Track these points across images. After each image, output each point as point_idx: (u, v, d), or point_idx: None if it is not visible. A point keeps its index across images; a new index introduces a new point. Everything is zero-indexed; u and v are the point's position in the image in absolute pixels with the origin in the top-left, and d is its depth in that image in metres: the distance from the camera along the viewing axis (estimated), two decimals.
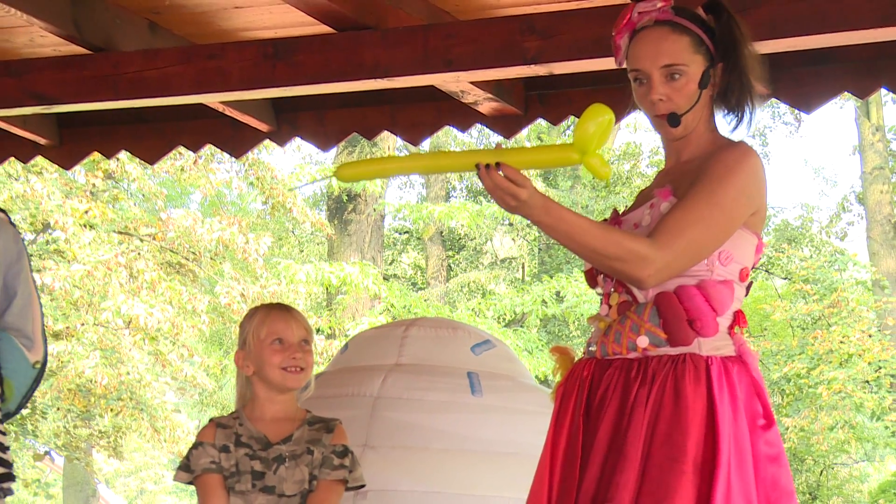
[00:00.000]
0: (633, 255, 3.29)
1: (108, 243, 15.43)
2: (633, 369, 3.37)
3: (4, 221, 3.90)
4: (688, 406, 3.29)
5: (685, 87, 3.46)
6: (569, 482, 3.34)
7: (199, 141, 7.02)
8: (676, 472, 3.24)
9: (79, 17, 5.98)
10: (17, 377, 3.84)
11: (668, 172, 3.55)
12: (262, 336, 4.07)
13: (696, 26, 3.49)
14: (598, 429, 3.33)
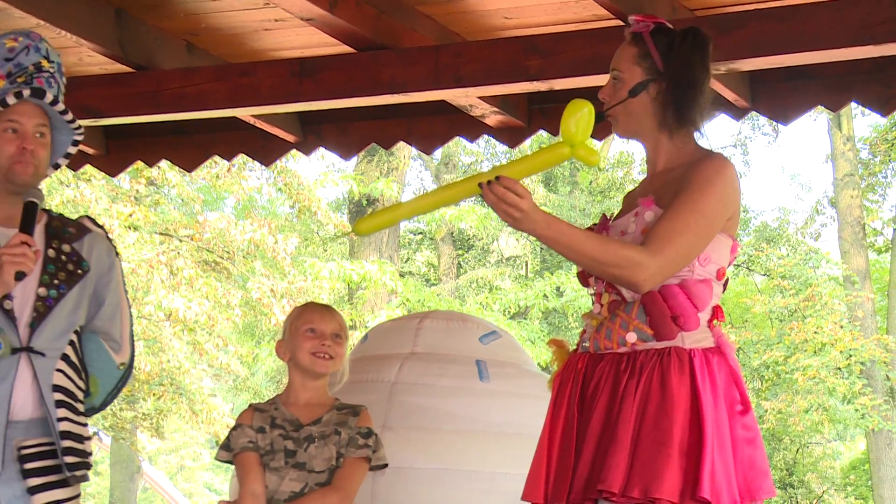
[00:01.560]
0: (629, 263, 3.30)
1: (151, 243, 15.44)
2: (622, 362, 3.37)
3: (101, 236, 3.91)
4: (673, 395, 3.29)
5: (618, 91, 3.53)
6: (565, 465, 3.35)
7: (232, 150, 7.02)
8: (664, 455, 3.24)
9: (124, 38, 5.98)
10: (103, 376, 3.85)
11: (650, 180, 3.56)
12: (297, 325, 4.10)
13: (652, 43, 3.51)
14: (591, 417, 3.34)
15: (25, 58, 3.76)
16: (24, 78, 3.74)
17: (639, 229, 3.41)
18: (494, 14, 5.77)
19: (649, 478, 3.22)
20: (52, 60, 3.82)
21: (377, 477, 5.27)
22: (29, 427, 3.69)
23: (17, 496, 3.66)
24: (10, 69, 3.74)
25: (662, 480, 3.22)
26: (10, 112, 3.70)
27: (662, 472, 3.22)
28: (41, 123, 3.75)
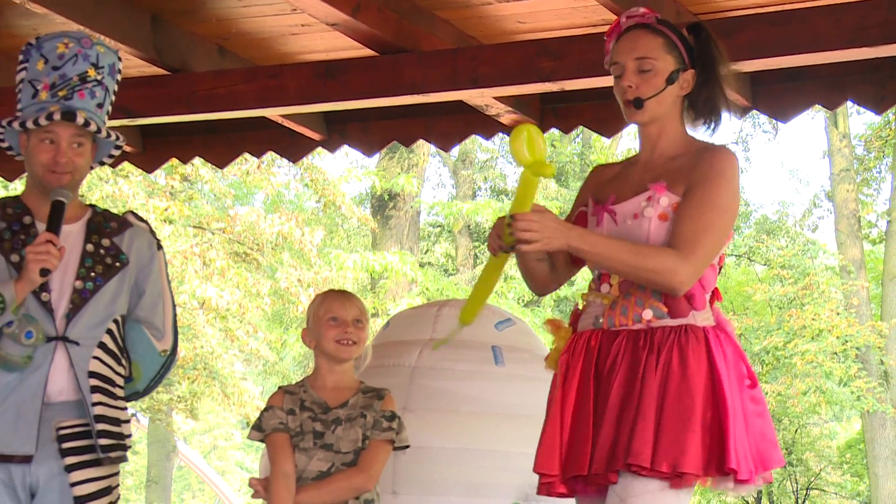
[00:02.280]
0: (665, 269, 3.27)
1: (185, 236, 15.47)
2: (640, 339, 3.32)
3: (143, 230, 3.91)
4: (692, 371, 3.26)
5: (652, 79, 3.42)
6: (582, 437, 3.29)
7: (261, 148, 7.02)
8: (688, 430, 3.20)
9: (159, 42, 5.99)
10: (146, 362, 3.85)
11: (648, 165, 3.48)
12: (320, 315, 4.09)
13: (672, 34, 3.47)
14: (610, 392, 3.28)
15: (72, 68, 3.73)
16: (65, 91, 3.72)
17: (656, 213, 3.35)
18: (509, 19, 5.77)
19: (676, 452, 3.19)
20: (100, 66, 3.79)
21: (398, 455, 5.27)
22: (67, 409, 3.69)
23: (55, 474, 3.67)
24: (55, 80, 3.72)
25: (688, 454, 3.19)
26: (49, 124, 3.69)
27: (687, 446, 3.19)
28: (77, 135, 3.73)
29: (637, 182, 3.46)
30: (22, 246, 3.69)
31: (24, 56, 3.79)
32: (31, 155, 3.73)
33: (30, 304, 3.65)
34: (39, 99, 3.71)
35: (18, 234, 3.73)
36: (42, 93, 3.72)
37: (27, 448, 3.64)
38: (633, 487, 3.22)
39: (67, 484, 3.66)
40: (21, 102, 3.75)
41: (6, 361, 3.62)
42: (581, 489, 3.32)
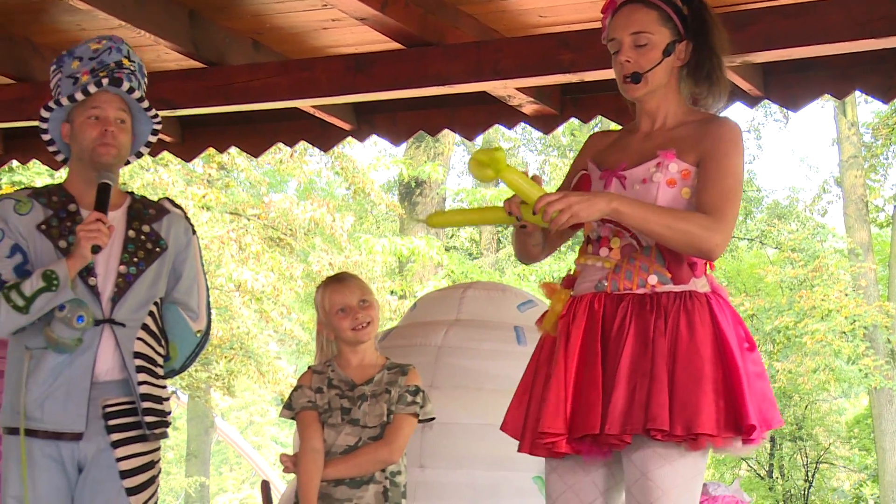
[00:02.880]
0: (702, 232, 3.23)
1: (222, 222, 15.50)
2: (646, 303, 3.26)
3: (179, 216, 3.93)
4: (699, 335, 3.21)
5: (649, 53, 3.36)
6: (591, 398, 3.21)
7: (294, 138, 7.04)
8: (700, 392, 3.15)
9: (196, 37, 6.00)
10: (182, 342, 3.87)
11: (651, 135, 3.42)
12: (328, 308, 4.06)
13: (667, 6, 3.40)
14: (621, 355, 3.21)
15: (108, 56, 3.78)
16: (105, 73, 3.76)
17: (664, 179, 3.31)
18: (530, 13, 5.76)
19: (689, 414, 3.14)
20: (132, 60, 3.83)
21: (425, 431, 5.29)
22: (113, 388, 3.71)
23: (102, 449, 3.69)
24: (94, 66, 3.76)
25: (701, 416, 3.14)
26: (93, 100, 3.73)
27: (700, 407, 3.14)
28: (121, 109, 3.77)
29: (641, 150, 3.40)
30: (69, 232, 3.71)
31: (56, 65, 3.85)
32: (78, 135, 3.75)
33: (78, 287, 3.67)
34: (81, 82, 3.74)
35: (65, 220, 3.75)
36: (83, 78, 3.74)
37: (77, 426, 3.67)
38: (652, 459, 3.19)
39: (113, 459, 3.68)
40: (62, 94, 3.77)
41: (58, 344, 3.64)
42: (587, 449, 3.23)
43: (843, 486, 24.00)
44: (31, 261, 3.70)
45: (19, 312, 3.62)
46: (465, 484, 5.31)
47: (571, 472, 3.33)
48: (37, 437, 3.66)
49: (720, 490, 6.24)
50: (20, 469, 3.65)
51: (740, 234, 24.34)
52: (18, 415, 3.66)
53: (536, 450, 3.31)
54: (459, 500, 5.31)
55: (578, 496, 3.33)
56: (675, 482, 3.19)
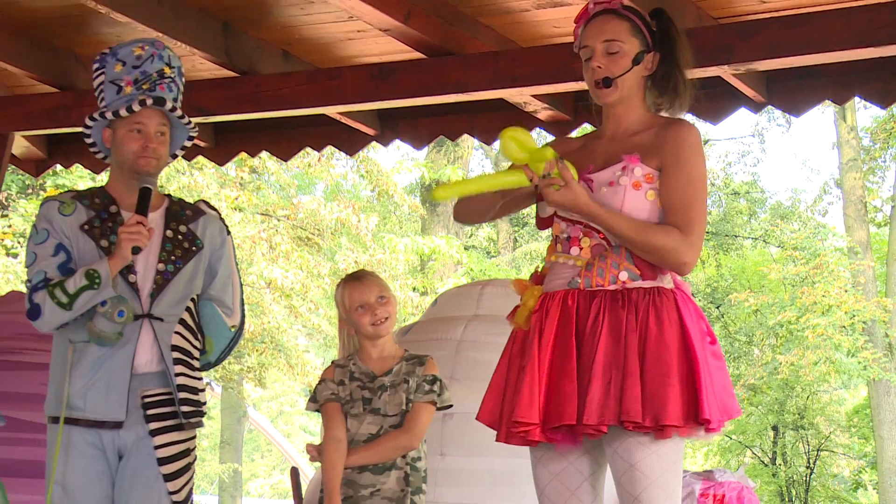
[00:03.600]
0: (672, 248, 3.25)
1: (253, 222, 15.54)
2: (618, 299, 3.26)
3: (215, 217, 3.93)
4: (666, 330, 3.22)
5: (620, 60, 3.37)
6: (566, 390, 3.21)
7: (321, 142, 7.04)
8: (667, 386, 3.17)
9: (229, 48, 6.02)
10: (217, 337, 3.87)
11: (615, 138, 3.42)
12: (348, 306, 4.06)
13: (637, 18, 3.42)
14: (596, 349, 3.22)
15: (150, 65, 3.78)
16: (148, 85, 3.76)
17: (630, 182, 3.30)
18: (545, 24, 5.75)
19: (658, 406, 3.16)
20: (172, 66, 3.84)
21: (446, 420, 5.29)
22: (151, 379, 3.72)
23: (141, 437, 3.70)
24: (137, 76, 3.77)
25: (667, 408, 3.15)
26: (136, 115, 3.74)
27: (666, 400, 3.16)
28: (162, 123, 3.78)
29: (606, 154, 3.39)
30: (110, 233, 3.73)
31: (99, 63, 3.83)
32: (120, 145, 3.76)
33: (118, 285, 3.68)
34: (125, 93, 3.75)
35: (106, 221, 3.76)
36: (126, 88, 3.75)
37: (118, 415, 3.68)
38: (636, 449, 3.20)
39: (152, 447, 3.69)
40: (105, 100, 3.78)
41: (100, 337, 3.66)
42: (560, 439, 3.24)
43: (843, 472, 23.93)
44: (75, 259, 3.72)
45: (63, 309, 3.64)
46: (482, 470, 5.31)
47: (555, 461, 3.33)
48: (79, 426, 3.68)
49: (726, 476, 6.23)
50: (62, 455, 3.66)
51: (744, 234, 24.27)
52: (62, 404, 3.68)
53: (512, 438, 3.31)
54: (477, 486, 5.31)
55: (564, 483, 3.34)
56: (660, 469, 3.22)
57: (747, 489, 6.26)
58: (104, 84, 3.79)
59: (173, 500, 3.70)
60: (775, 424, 22.84)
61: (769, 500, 22.68)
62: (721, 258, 23.62)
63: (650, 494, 3.21)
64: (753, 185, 24.78)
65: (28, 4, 5.86)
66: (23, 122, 6.70)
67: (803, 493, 22.76)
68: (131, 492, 3.68)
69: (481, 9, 5.66)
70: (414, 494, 3.94)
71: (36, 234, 3.75)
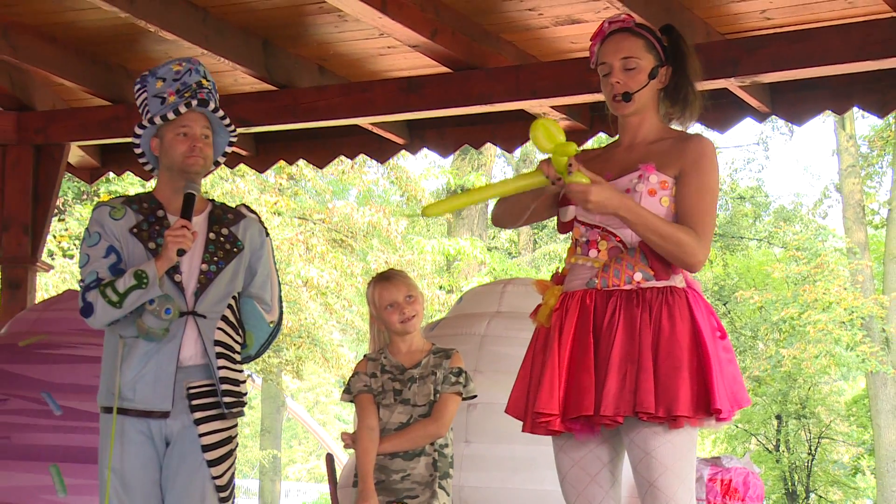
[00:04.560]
0: (689, 246, 3.25)
1: (291, 226, 15.57)
2: (633, 299, 3.26)
3: (254, 220, 3.93)
4: (678, 327, 3.22)
5: (637, 76, 3.36)
6: (584, 383, 3.22)
7: (354, 151, 7.05)
8: (679, 378, 3.16)
9: (269, 63, 6.03)
10: (257, 332, 3.87)
11: (631, 148, 3.41)
12: (378, 304, 4.06)
13: (650, 35, 3.42)
14: (613, 345, 3.22)
15: (189, 77, 3.79)
16: (189, 93, 3.77)
17: (645, 189, 3.29)
18: (563, 40, 5.74)
19: (670, 398, 3.15)
20: (208, 79, 3.85)
21: (470, 410, 5.28)
22: (196, 372, 3.73)
23: (186, 426, 3.71)
24: (179, 87, 3.78)
25: (679, 400, 3.15)
26: (182, 119, 3.75)
27: (678, 393, 3.15)
28: (206, 127, 3.80)
29: (623, 162, 3.39)
30: (157, 235, 3.73)
31: (140, 84, 3.84)
32: (168, 149, 3.77)
33: (165, 284, 3.69)
34: (168, 102, 3.76)
35: (154, 225, 3.77)
36: (169, 98, 3.76)
37: (165, 405, 3.68)
38: (652, 438, 3.20)
39: (196, 435, 3.69)
40: (150, 112, 3.79)
41: (148, 333, 3.66)
42: (579, 428, 3.24)
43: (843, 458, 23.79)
44: (125, 260, 3.72)
45: (114, 307, 3.65)
46: (505, 457, 5.30)
47: (576, 449, 3.33)
48: (129, 416, 3.68)
49: (733, 462, 6.20)
50: (117, 444, 3.67)
51: (750, 235, 24.17)
52: (113, 395, 3.69)
53: (537, 429, 3.31)
54: (500, 471, 5.30)
55: (585, 469, 3.33)
56: (675, 456, 3.21)
57: (753, 474, 6.22)
58: (148, 99, 3.80)
59: (217, 485, 3.70)
60: (779, 414, 22.73)
61: (773, 484, 22.57)
62: (728, 258, 23.52)
63: (665, 480, 3.20)
64: (758, 190, 24.67)
65: (83, 24, 5.89)
66: (78, 132, 6.74)
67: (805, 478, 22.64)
68: (178, 476, 3.68)
69: (503, 26, 5.66)
70: (441, 479, 3.94)
71: (89, 236, 3.76)
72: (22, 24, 5.89)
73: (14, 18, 5.83)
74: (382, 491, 3.91)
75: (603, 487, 3.32)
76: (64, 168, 6.95)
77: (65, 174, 7.10)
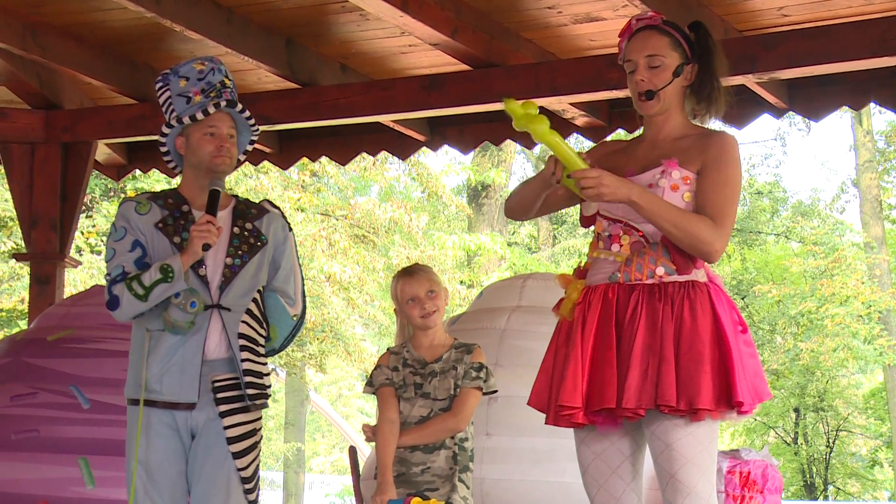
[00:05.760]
0: (706, 236, 3.23)
1: (314, 222, 15.58)
2: (655, 293, 3.25)
3: (278, 215, 3.95)
4: (700, 321, 3.21)
5: (662, 73, 3.34)
6: (607, 376, 3.21)
7: (376, 148, 7.06)
8: (700, 372, 3.15)
9: (292, 61, 6.04)
10: (281, 325, 3.88)
11: (655, 144, 3.40)
12: (400, 298, 4.05)
13: (677, 33, 3.40)
14: (635, 338, 3.21)
15: (213, 77, 3.80)
16: (214, 93, 3.78)
17: (668, 184, 3.28)
18: (582, 37, 5.73)
19: (692, 392, 3.14)
20: (229, 78, 3.87)
21: (491, 403, 5.28)
22: (220, 365, 3.74)
23: (211, 418, 3.72)
24: (203, 87, 3.79)
25: (701, 393, 3.14)
26: (209, 119, 3.76)
27: (700, 386, 3.14)
28: (231, 127, 3.81)
29: (646, 158, 3.37)
30: (183, 230, 3.75)
31: (162, 82, 3.84)
32: (195, 148, 3.78)
33: (190, 278, 3.70)
34: (194, 102, 3.77)
35: (179, 220, 3.78)
36: (195, 97, 3.77)
37: (191, 397, 3.69)
38: (673, 431, 3.19)
39: (221, 427, 3.70)
40: (176, 111, 3.80)
41: (174, 326, 3.68)
42: (601, 421, 3.24)
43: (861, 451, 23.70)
44: (150, 254, 3.74)
45: (139, 300, 3.66)
46: (526, 449, 5.30)
47: (598, 442, 3.33)
48: (156, 408, 3.70)
49: (751, 455, 6.18)
50: (143, 436, 3.69)
51: (768, 230, 24.08)
52: (140, 388, 3.70)
53: (559, 421, 3.31)
54: (521, 463, 5.30)
55: (606, 462, 3.32)
56: (696, 449, 3.20)
57: (771, 467, 6.20)
58: (172, 98, 3.81)
59: (241, 476, 3.71)
60: (797, 407, 22.65)
61: (791, 477, 22.50)
62: (746, 253, 23.44)
63: (686, 472, 3.20)
64: (776, 185, 24.58)
65: (110, 24, 5.91)
66: (105, 130, 6.77)
67: (823, 470, 22.57)
68: (203, 468, 3.69)
69: (523, 24, 5.65)
70: (461, 472, 3.93)
71: (115, 231, 3.77)
72: (50, 25, 5.92)
73: (42, 19, 5.86)
74: (402, 483, 3.91)
75: (624, 480, 3.32)
76: (91, 165, 6.98)
77: (92, 171, 7.13)
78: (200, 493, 3.69)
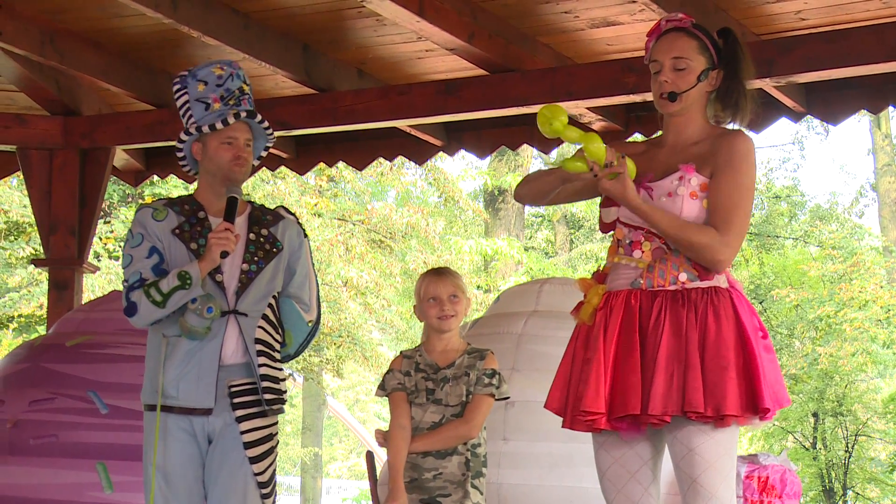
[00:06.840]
0: (707, 245, 3.23)
1: (331, 227, 15.61)
2: (678, 299, 3.24)
3: (293, 221, 3.95)
4: (724, 327, 3.20)
5: (686, 76, 3.33)
6: (630, 383, 3.20)
7: (393, 153, 7.07)
8: (726, 378, 3.15)
9: (309, 67, 6.05)
10: (296, 331, 3.88)
11: (675, 148, 3.38)
12: (422, 296, 4.04)
13: (705, 37, 3.38)
14: (659, 345, 3.20)
15: (231, 83, 3.81)
16: (233, 100, 3.79)
17: (688, 192, 3.27)
18: (599, 42, 5.73)
19: (718, 398, 3.14)
20: (247, 83, 3.87)
21: (509, 408, 5.27)
22: (237, 370, 3.74)
23: (228, 423, 3.72)
24: (223, 93, 3.79)
25: (727, 399, 3.14)
26: (228, 129, 3.76)
27: (726, 392, 3.14)
28: (249, 137, 3.82)
29: (665, 163, 3.36)
30: (199, 236, 3.75)
31: (180, 84, 3.83)
32: (213, 156, 3.78)
33: (206, 283, 3.71)
34: (213, 109, 3.77)
35: (195, 226, 3.79)
36: (214, 104, 3.77)
37: (208, 402, 3.70)
38: (696, 435, 3.18)
39: (238, 432, 3.70)
40: (194, 117, 3.80)
41: (190, 331, 3.68)
42: (625, 427, 3.23)
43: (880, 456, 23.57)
44: (167, 261, 3.75)
45: (157, 307, 3.67)
46: (543, 454, 5.29)
47: (616, 446, 3.32)
48: (173, 413, 3.70)
49: (770, 460, 6.16)
50: (160, 442, 3.69)
51: (786, 234, 24.02)
52: (157, 393, 3.71)
53: (577, 425, 3.30)
54: (538, 468, 5.29)
55: (625, 467, 3.31)
56: (717, 453, 3.20)
57: (790, 472, 6.18)
58: (190, 103, 3.81)
59: (258, 481, 3.71)
60: (815, 411, 22.55)
61: (810, 481, 22.40)
62: (763, 257, 23.37)
63: (707, 476, 3.19)
64: (794, 189, 24.51)
65: (128, 31, 5.93)
66: (123, 136, 6.79)
67: (842, 475, 22.46)
68: (220, 473, 3.70)
69: (539, 29, 5.65)
70: (474, 478, 3.92)
71: (132, 238, 3.78)
72: (68, 31, 5.94)
73: (61, 26, 5.88)
74: (415, 489, 3.90)
75: (643, 484, 3.31)
76: (109, 171, 7.00)
77: (110, 177, 7.15)
78: (217, 497, 3.69)
